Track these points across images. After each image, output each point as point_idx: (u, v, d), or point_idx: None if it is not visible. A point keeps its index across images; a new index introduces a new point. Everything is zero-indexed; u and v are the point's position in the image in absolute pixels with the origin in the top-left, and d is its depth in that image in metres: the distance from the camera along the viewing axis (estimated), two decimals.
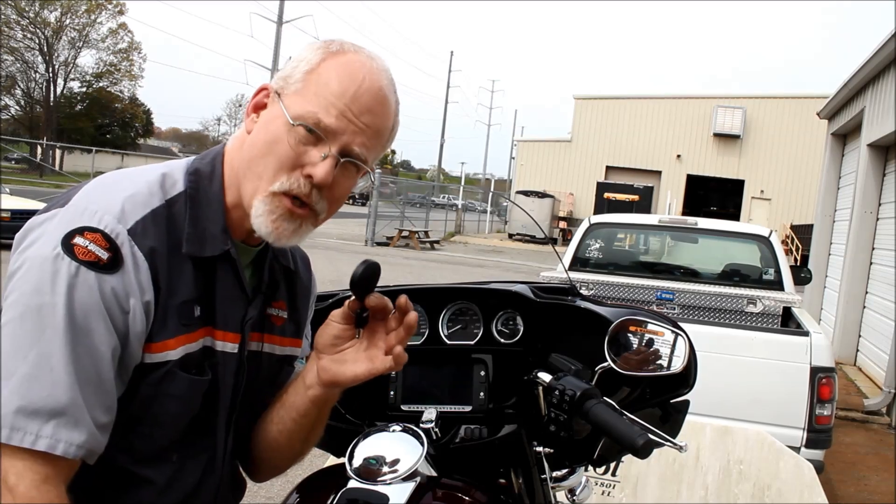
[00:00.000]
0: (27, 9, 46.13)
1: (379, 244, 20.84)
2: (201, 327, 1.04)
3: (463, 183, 48.10)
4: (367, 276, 1.03)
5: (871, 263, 8.63)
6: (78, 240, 0.93)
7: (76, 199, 0.98)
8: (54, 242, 0.93)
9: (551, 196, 30.21)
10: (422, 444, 1.19)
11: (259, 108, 1.08)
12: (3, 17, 43.54)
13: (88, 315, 0.92)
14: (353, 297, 1.06)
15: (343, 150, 1.03)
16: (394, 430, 1.22)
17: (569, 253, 5.73)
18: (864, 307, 8.67)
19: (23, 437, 0.87)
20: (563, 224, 30.85)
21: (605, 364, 1.37)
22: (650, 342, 1.37)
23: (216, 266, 1.05)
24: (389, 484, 1.11)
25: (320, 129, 1.01)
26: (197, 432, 1.08)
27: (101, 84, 51.98)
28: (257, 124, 1.06)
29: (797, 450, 3.49)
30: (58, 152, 44.92)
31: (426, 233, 22.70)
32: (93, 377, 0.92)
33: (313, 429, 1.19)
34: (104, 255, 0.94)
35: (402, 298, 1.07)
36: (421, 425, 1.36)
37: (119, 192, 0.99)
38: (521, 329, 1.55)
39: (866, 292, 8.65)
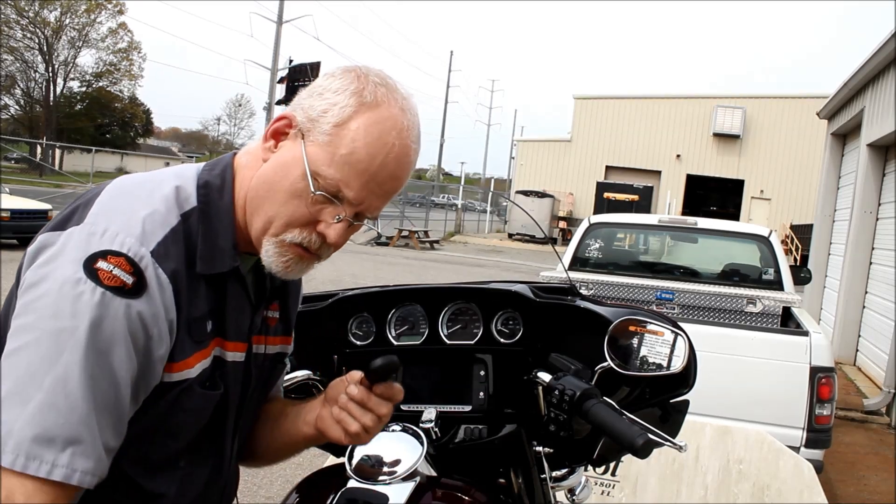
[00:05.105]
0: (27, 8, 46.12)
1: (379, 244, 20.84)
2: (212, 339, 1.05)
3: (463, 183, 48.09)
4: (381, 370, 1.06)
5: (870, 263, 8.63)
6: (101, 264, 0.91)
7: (92, 216, 0.95)
8: (75, 265, 0.90)
9: (551, 196, 30.22)
10: (421, 443, 1.19)
11: (278, 134, 1.05)
12: (3, 16, 43.52)
13: (111, 340, 0.90)
14: (366, 377, 1.08)
15: (356, 214, 1.04)
16: (393, 430, 1.22)
17: (568, 253, 5.73)
18: (864, 307, 8.67)
19: (39, 465, 0.85)
20: (562, 224, 30.85)
21: (605, 364, 1.37)
22: (650, 342, 1.37)
23: (226, 280, 1.05)
24: (389, 484, 1.11)
25: (339, 198, 1.01)
26: (205, 440, 1.09)
27: (100, 84, 51.99)
28: (275, 157, 1.04)
29: (797, 450, 3.49)
30: (57, 152, 44.93)
31: (426, 232, 22.70)
32: (109, 403, 0.91)
33: (293, 453, 1.26)
34: (129, 279, 0.91)
35: (397, 389, 1.10)
36: (421, 425, 1.36)
37: (137, 209, 0.97)
38: (521, 329, 1.55)
39: (866, 292, 8.65)
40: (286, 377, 1.38)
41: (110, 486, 0.96)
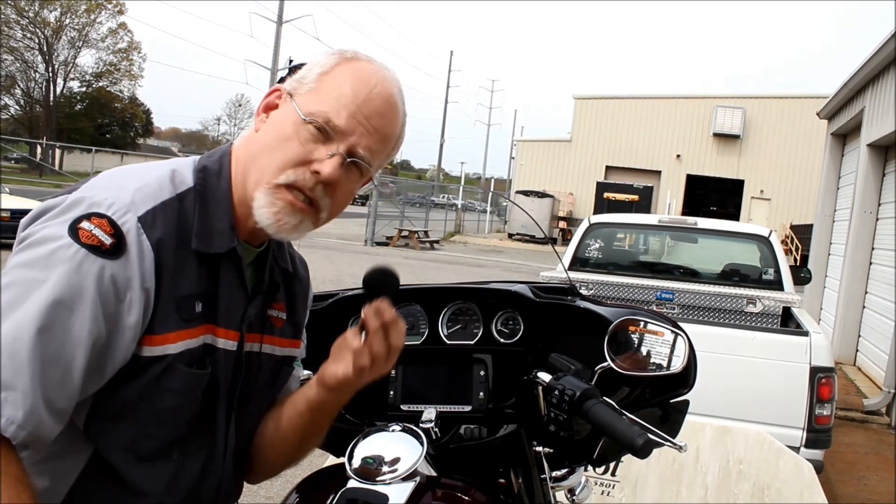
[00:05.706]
0: (27, 8, 46.11)
1: (379, 244, 20.83)
2: (202, 324, 1.04)
3: (463, 183, 48.08)
4: (373, 278, 1.06)
5: (870, 263, 8.63)
6: (84, 224, 0.94)
7: (86, 187, 1.00)
8: (62, 225, 0.94)
9: (551, 196, 30.21)
10: (421, 443, 1.19)
11: (270, 108, 1.10)
12: (3, 16, 43.52)
13: (77, 297, 0.91)
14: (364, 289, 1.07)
15: (350, 150, 1.05)
16: (393, 430, 1.22)
17: (568, 253, 5.73)
18: (864, 307, 8.67)
19: None
20: (562, 224, 30.83)
21: (605, 364, 1.37)
22: (650, 342, 1.37)
23: (220, 263, 1.06)
24: (389, 484, 1.11)
25: (330, 128, 1.03)
26: (196, 429, 1.08)
27: (100, 84, 51.98)
28: (266, 123, 1.09)
29: (797, 450, 3.49)
30: (57, 152, 44.89)
31: (426, 233, 22.68)
32: (59, 360, 0.90)
33: (306, 435, 1.20)
34: (107, 240, 0.94)
35: (389, 313, 1.07)
36: (421, 425, 1.36)
37: (129, 183, 1.01)
38: (521, 329, 1.55)
39: (866, 292, 8.65)
40: None
41: (97, 477, 0.97)
